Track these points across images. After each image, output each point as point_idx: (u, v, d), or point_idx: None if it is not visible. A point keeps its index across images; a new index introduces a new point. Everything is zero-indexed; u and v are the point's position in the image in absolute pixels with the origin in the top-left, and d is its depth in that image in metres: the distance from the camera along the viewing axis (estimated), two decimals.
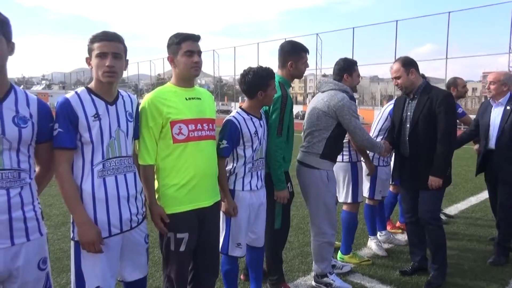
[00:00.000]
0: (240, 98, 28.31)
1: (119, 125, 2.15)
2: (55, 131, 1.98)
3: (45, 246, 1.95)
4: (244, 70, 2.81)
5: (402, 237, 4.45)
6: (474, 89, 65.67)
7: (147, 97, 2.38)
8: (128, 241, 2.21)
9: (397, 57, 3.96)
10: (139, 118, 2.33)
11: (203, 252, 2.54)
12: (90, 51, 2.07)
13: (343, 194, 3.81)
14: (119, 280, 2.29)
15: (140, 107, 2.35)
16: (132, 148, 2.28)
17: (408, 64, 3.38)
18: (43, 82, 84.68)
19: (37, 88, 67.38)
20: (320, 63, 28.80)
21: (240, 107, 2.87)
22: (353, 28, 26.04)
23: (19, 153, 1.82)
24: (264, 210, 2.95)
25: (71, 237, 2.10)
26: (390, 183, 4.40)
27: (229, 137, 2.68)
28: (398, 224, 4.94)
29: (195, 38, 2.39)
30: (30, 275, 1.86)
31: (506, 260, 3.89)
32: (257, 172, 2.83)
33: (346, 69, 3.48)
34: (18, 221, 1.79)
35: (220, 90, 43.64)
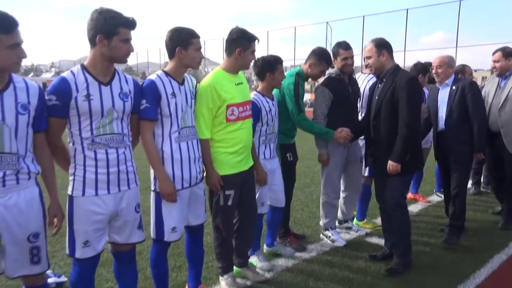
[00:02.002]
0: None
1: (187, 101, 2.68)
2: (143, 106, 2.49)
3: (138, 194, 2.49)
4: (257, 58, 3.37)
5: (415, 207, 4.96)
6: (483, 78, 65.15)
7: (206, 81, 2.85)
8: (193, 194, 2.76)
9: (407, 46, 4.42)
10: (199, 98, 2.82)
11: (243, 207, 3.08)
12: (188, 45, 2.57)
13: (362, 169, 4.31)
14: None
15: (200, 90, 2.84)
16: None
17: (381, 45, 3.36)
18: (52, 69, 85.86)
19: (47, 75, 68.27)
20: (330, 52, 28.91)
21: (256, 90, 3.42)
22: (363, 16, 26.19)
23: (123, 122, 2.34)
24: (280, 176, 3.55)
25: (153, 189, 2.63)
26: None
27: (254, 115, 3.18)
28: (409, 195, 5.45)
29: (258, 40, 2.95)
30: (130, 216, 2.42)
31: (458, 240, 3.99)
32: (269, 144, 3.40)
33: (333, 54, 3.95)
34: (123, 173, 2.34)
35: None
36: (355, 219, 4.53)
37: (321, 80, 3.99)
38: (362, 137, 3.93)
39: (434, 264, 3.60)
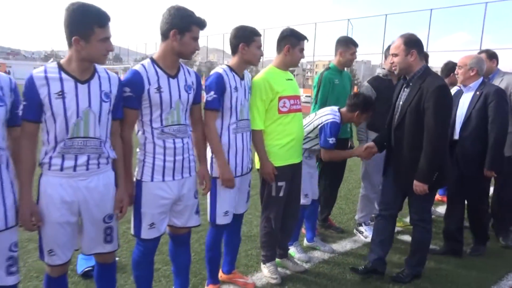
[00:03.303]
0: None
1: (245, 95, 2.84)
2: (210, 97, 2.64)
3: (196, 182, 2.65)
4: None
5: (442, 209, 5.02)
6: None
7: (260, 76, 3.01)
8: (242, 183, 2.93)
9: (429, 46, 4.31)
10: (254, 92, 2.97)
11: (289, 200, 3.21)
12: (251, 42, 2.73)
13: None
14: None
15: (254, 84, 2.98)
16: None
17: (412, 43, 3.00)
18: None
19: None
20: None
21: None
22: (386, 15, 25.95)
23: (186, 112, 2.50)
24: (316, 173, 3.74)
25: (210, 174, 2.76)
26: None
27: None
28: (437, 197, 5.53)
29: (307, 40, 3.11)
30: (189, 201, 2.58)
31: (484, 248, 3.88)
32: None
33: (385, 55, 4.17)
34: (186, 161, 2.49)
35: None
36: None
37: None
38: None
39: (466, 264, 3.68)
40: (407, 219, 4.76)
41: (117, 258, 3.31)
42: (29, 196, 2.04)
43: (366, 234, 4.15)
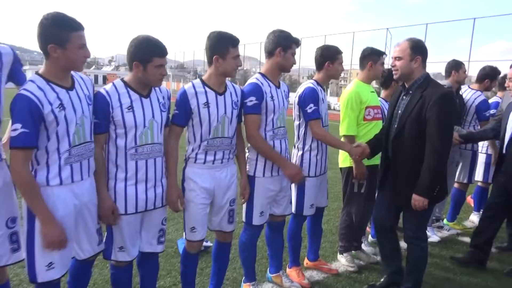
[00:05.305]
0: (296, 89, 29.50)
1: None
2: (311, 109, 3.07)
3: None
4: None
5: None
6: None
7: (351, 89, 3.45)
8: (322, 180, 3.38)
9: (471, 55, 4.29)
10: (346, 103, 3.42)
11: (368, 197, 3.57)
12: (335, 60, 3.22)
13: (460, 175, 4.66)
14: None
15: (347, 96, 3.43)
16: None
17: (418, 49, 2.81)
18: (112, 63, 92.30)
19: (107, 69, 73.32)
20: (389, 59, 28.64)
21: (380, 97, 3.94)
22: (426, 24, 25.84)
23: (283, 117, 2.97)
24: None
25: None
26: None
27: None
28: None
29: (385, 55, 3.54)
30: (287, 192, 3.09)
31: None
32: None
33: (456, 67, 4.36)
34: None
35: None
36: (445, 219, 4.92)
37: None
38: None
39: None
40: (466, 223, 5.06)
41: (210, 244, 3.81)
42: (176, 184, 2.55)
43: (428, 234, 4.42)
